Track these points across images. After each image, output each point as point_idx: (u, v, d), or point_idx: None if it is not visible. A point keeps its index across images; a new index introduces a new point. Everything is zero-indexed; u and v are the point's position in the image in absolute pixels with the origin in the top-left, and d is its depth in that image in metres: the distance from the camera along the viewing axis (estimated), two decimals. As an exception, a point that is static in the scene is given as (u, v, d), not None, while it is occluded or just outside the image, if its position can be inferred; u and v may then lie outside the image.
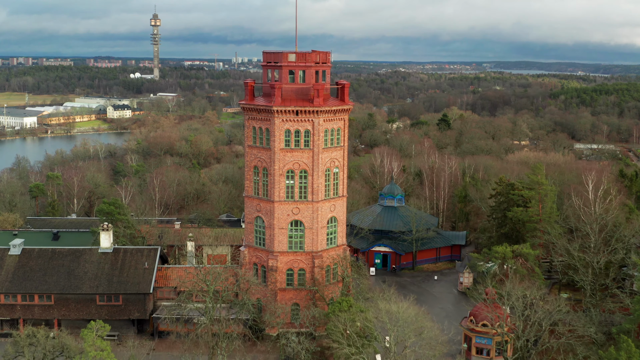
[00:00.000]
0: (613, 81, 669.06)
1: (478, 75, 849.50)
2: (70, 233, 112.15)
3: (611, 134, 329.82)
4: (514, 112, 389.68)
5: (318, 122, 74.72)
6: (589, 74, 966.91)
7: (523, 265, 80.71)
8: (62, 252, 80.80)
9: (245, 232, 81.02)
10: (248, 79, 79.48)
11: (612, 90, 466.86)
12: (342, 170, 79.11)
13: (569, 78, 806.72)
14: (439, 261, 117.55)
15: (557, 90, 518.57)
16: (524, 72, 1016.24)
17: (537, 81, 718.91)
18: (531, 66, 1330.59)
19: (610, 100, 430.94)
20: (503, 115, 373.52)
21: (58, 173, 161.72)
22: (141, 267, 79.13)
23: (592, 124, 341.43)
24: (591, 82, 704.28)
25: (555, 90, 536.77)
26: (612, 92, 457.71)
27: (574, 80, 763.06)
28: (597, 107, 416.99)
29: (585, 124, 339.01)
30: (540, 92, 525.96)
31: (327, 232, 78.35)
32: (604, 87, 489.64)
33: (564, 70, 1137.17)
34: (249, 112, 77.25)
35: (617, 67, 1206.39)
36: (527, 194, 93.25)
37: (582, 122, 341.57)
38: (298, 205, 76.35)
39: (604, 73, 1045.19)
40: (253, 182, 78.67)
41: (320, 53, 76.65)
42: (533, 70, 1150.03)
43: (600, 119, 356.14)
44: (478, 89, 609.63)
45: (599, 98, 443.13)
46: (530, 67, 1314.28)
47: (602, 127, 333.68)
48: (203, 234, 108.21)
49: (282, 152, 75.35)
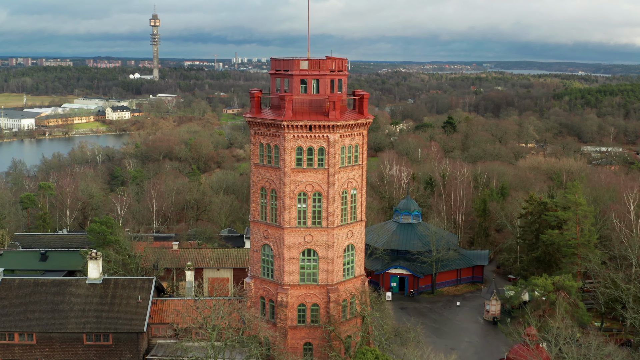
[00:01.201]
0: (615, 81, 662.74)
1: (479, 76, 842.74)
2: (59, 253, 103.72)
3: (618, 136, 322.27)
4: (518, 113, 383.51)
5: (334, 138, 65.69)
6: (590, 74, 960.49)
7: (565, 299, 72.06)
8: (46, 283, 72.01)
9: (251, 261, 71.85)
10: (254, 88, 70.11)
11: (616, 91, 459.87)
12: (360, 191, 69.98)
13: (571, 78, 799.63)
14: (460, 283, 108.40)
15: (561, 91, 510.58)
16: (524, 72, 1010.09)
17: (539, 81, 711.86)
18: (531, 66, 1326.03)
19: (615, 102, 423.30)
20: (507, 116, 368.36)
21: (51, 183, 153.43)
22: (134, 301, 70.43)
23: (599, 125, 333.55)
24: (593, 82, 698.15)
25: (558, 91, 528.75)
26: (617, 93, 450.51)
27: (576, 80, 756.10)
28: (602, 108, 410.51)
29: (592, 125, 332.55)
30: (543, 92, 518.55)
31: (343, 261, 69.13)
32: (608, 88, 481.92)
33: (565, 70, 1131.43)
34: (256, 127, 68.20)
35: (618, 67, 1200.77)
36: (563, 215, 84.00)
37: (589, 124, 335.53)
38: (311, 232, 67.25)
39: (604, 73, 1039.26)
40: (260, 206, 69.52)
41: (336, 60, 67.56)
42: (533, 70, 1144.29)
43: (606, 120, 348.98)
44: (480, 89, 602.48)
45: (604, 99, 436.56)
46: (530, 67, 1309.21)
47: (609, 129, 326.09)
48: (203, 255, 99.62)
49: (293, 172, 66.30)
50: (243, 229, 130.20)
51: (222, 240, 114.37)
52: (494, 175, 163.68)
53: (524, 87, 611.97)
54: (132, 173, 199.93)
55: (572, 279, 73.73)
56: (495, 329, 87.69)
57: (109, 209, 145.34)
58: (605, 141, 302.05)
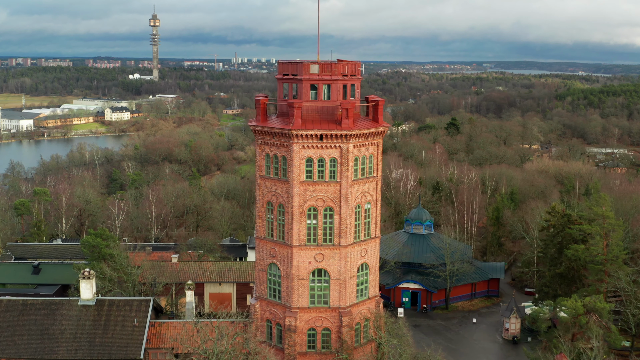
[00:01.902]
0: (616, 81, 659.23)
1: (480, 76, 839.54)
2: (52, 266, 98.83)
3: (622, 137, 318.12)
4: (520, 113, 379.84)
5: (347, 149, 60.42)
6: (591, 74, 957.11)
7: (597, 322, 67.07)
8: (35, 304, 66.88)
9: (257, 281, 66.46)
10: (260, 94, 64.64)
11: (619, 91, 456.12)
12: (374, 205, 64.57)
13: (572, 78, 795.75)
14: (475, 297, 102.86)
15: (563, 92, 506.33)
16: (525, 72, 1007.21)
17: (540, 81, 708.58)
18: (531, 66, 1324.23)
19: (618, 102, 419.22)
20: (509, 117, 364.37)
21: (46, 188, 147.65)
22: (130, 324, 65.32)
23: (603, 126, 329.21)
24: (594, 83, 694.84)
25: (560, 91, 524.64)
26: (620, 93, 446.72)
27: (577, 80, 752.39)
28: (605, 109, 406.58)
29: (596, 126, 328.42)
30: (545, 93, 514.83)
31: (357, 282, 63.86)
32: (611, 88, 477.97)
33: (565, 70, 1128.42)
34: (262, 136, 62.73)
35: (618, 67, 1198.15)
36: (590, 229, 78.84)
37: (592, 124, 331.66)
38: (322, 251, 61.90)
39: (605, 73, 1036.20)
40: (266, 222, 64.05)
41: (348, 63, 62.19)
42: (534, 70, 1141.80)
43: (610, 121, 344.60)
44: (481, 89, 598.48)
45: (607, 99, 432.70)
46: (530, 67, 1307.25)
47: (613, 130, 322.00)
48: (204, 269, 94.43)
49: (303, 186, 61.02)
50: (245, 237, 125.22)
51: (224, 251, 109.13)
52: (503, 180, 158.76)
53: (525, 88, 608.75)
54: (130, 176, 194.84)
55: (604, 301, 68.67)
56: (516, 349, 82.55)
57: (106, 216, 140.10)
58: (610, 142, 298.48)
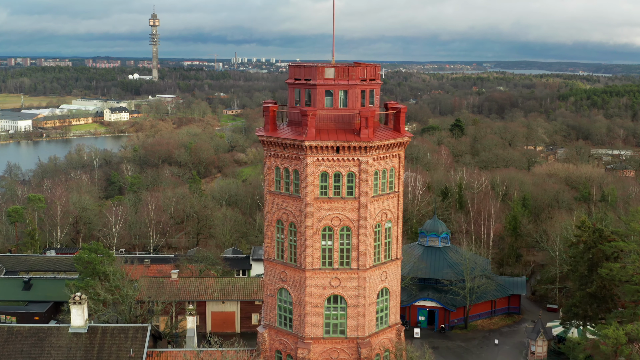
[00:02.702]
0: (617, 81, 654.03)
1: (480, 76, 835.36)
2: (44, 281, 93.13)
3: (627, 138, 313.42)
4: (523, 114, 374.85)
5: (366, 162, 54.17)
6: (592, 73, 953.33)
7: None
8: (22, 332, 60.96)
9: (265, 307, 60.12)
10: (268, 100, 58.54)
11: (622, 92, 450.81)
12: (395, 224, 58.33)
13: (573, 78, 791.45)
14: (495, 315, 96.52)
15: (566, 92, 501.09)
16: (525, 72, 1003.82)
17: (541, 81, 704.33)
18: (531, 66, 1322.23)
19: (622, 103, 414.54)
20: (512, 117, 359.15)
21: (40, 195, 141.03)
22: (125, 355, 59.43)
23: (607, 127, 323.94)
24: (595, 83, 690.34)
25: (563, 91, 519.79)
26: (624, 93, 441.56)
27: (578, 80, 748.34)
28: (609, 109, 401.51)
29: (601, 127, 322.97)
30: (547, 93, 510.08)
31: (376, 308, 57.64)
32: (614, 89, 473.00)
33: (565, 70, 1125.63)
34: (271, 148, 56.46)
35: (618, 66, 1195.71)
36: (626, 246, 72.88)
37: (597, 125, 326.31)
38: (338, 275, 55.70)
39: (605, 73, 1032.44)
40: (276, 242, 57.79)
41: (367, 66, 56.02)
42: (534, 70, 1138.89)
43: (615, 122, 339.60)
44: (482, 89, 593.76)
45: (611, 100, 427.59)
46: (530, 66, 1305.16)
47: (619, 131, 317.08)
48: (206, 286, 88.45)
49: (317, 203, 54.80)
50: (248, 247, 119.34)
51: (227, 265, 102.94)
52: (515, 185, 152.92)
53: (527, 88, 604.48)
54: (129, 180, 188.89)
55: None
56: (543, 375, 77.11)
57: (102, 224, 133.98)
58: (615, 144, 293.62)
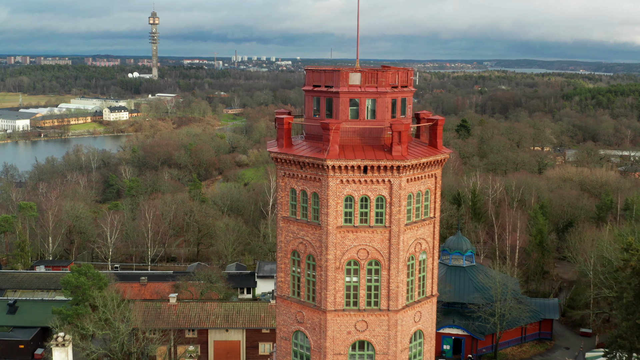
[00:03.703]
0: (619, 80, 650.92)
1: (482, 75, 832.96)
2: (31, 303, 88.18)
3: (635, 138, 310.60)
4: (527, 114, 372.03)
5: (398, 184, 44.46)
6: (593, 72, 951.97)
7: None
8: None
9: (278, 352, 49.52)
10: (281, 110, 48.28)
11: (627, 91, 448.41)
12: (431, 255, 48.11)
13: (575, 77, 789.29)
14: (525, 342, 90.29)
15: (570, 91, 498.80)
16: (525, 71, 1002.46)
17: (543, 80, 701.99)
18: (532, 64, 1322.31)
19: (628, 102, 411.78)
20: (517, 117, 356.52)
21: (32, 202, 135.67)
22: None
23: (614, 127, 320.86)
24: (597, 81, 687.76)
25: (567, 90, 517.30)
26: (629, 93, 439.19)
27: (580, 79, 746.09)
28: (615, 109, 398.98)
29: (608, 128, 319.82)
30: (550, 92, 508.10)
31: (409, 355, 47.77)
32: (619, 88, 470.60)
33: (565, 69, 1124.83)
34: (285, 166, 46.41)
35: (619, 65, 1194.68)
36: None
37: (604, 126, 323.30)
38: (365, 318, 45.94)
39: (606, 71, 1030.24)
40: (291, 277, 47.78)
41: (399, 70, 45.77)
42: (535, 69, 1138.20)
43: (621, 122, 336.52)
44: (484, 88, 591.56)
45: (616, 99, 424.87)
46: (531, 65, 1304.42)
47: (626, 131, 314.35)
48: (208, 312, 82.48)
49: (341, 232, 45.02)
50: (252, 261, 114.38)
51: (230, 286, 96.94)
52: (532, 192, 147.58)
53: (529, 87, 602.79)
54: (127, 183, 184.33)
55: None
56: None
57: (97, 234, 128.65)
58: (623, 144, 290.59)
